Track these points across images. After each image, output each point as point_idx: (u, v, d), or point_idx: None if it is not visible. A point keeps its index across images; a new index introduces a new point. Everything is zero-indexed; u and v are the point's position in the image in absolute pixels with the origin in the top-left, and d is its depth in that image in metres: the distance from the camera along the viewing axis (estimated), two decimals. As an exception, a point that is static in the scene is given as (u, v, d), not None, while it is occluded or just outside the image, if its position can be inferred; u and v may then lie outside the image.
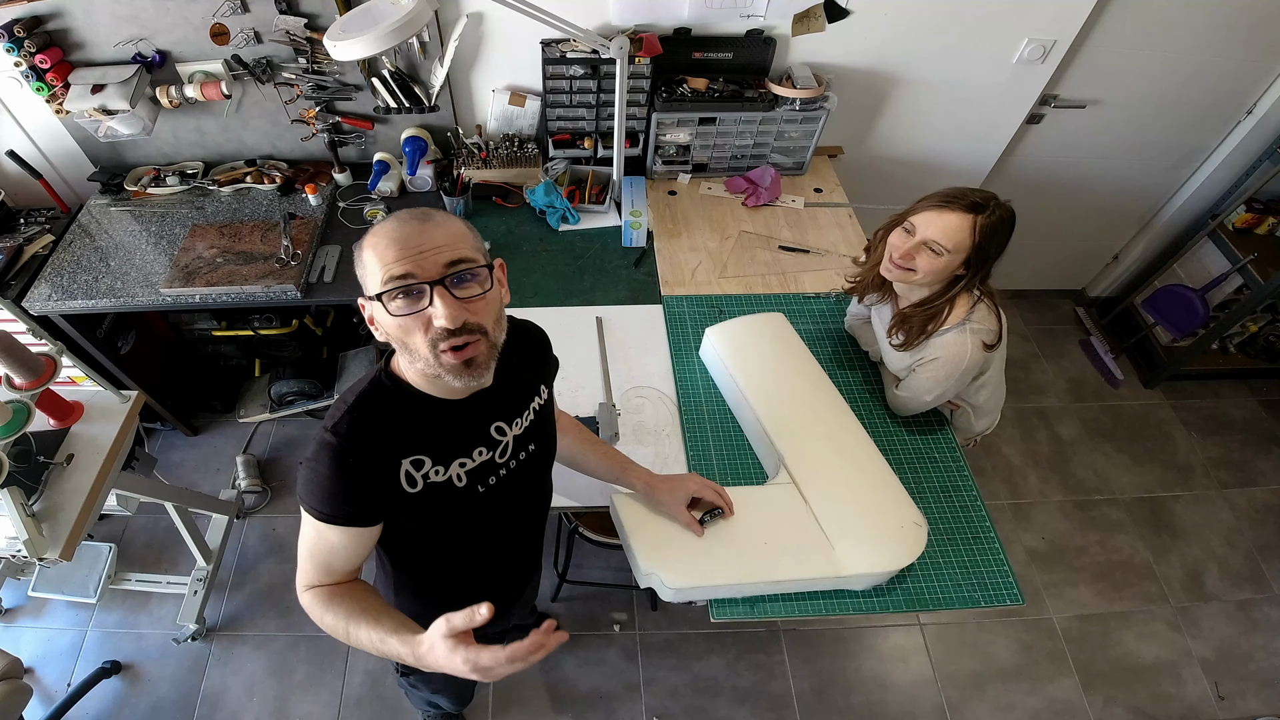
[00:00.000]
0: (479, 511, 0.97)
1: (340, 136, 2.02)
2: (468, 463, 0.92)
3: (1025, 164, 2.49)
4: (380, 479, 0.85)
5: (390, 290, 0.76)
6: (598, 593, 2.19)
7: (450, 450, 0.91)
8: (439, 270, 0.77)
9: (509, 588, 1.28)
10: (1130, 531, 2.47)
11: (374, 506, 0.86)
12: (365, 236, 0.81)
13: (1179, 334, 2.76)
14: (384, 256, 0.77)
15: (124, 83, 1.76)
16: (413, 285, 0.76)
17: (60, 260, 1.85)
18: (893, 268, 1.28)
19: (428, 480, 0.88)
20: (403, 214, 0.81)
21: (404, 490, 0.87)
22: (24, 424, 1.38)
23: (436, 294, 0.76)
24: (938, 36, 1.96)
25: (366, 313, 0.83)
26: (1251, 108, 2.33)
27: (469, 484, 0.93)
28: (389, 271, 0.76)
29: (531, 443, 1.02)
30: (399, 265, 0.76)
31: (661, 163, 2.11)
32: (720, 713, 2.01)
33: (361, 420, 0.85)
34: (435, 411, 0.88)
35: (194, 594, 2.04)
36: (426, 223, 0.79)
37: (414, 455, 0.87)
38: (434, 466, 0.89)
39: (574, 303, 1.76)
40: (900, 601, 1.27)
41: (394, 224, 0.79)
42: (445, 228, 0.79)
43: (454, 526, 0.97)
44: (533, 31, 1.78)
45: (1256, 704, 2.11)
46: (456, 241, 0.79)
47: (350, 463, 0.83)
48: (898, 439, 1.51)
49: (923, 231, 1.23)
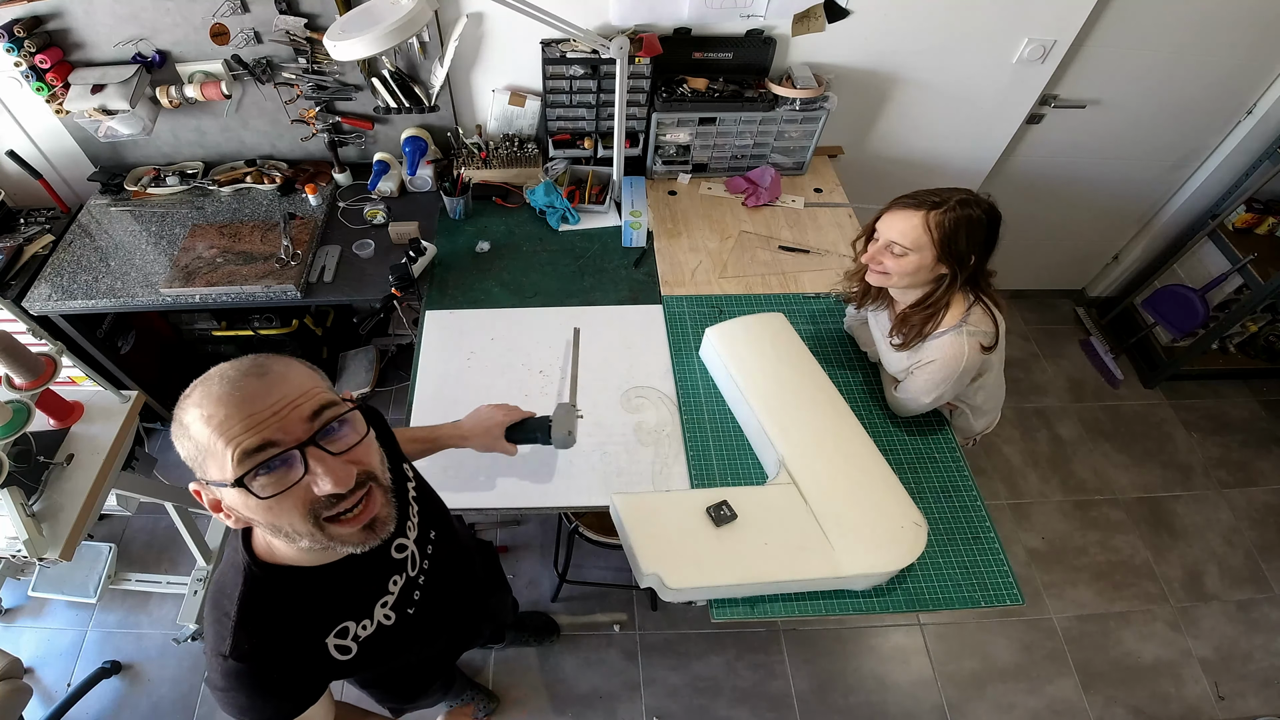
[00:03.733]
0: (417, 631, 0.91)
1: (340, 136, 2.02)
2: (388, 599, 0.84)
3: (1025, 164, 2.49)
4: (310, 669, 0.76)
5: (250, 470, 0.59)
6: (598, 593, 2.19)
7: (368, 600, 0.81)
8: (305, 428, 0.62)
9: (473, 632, 1.31)
10: (1130, 531, 2.47)
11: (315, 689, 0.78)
12: (184, 408, 0.63)
13: (1179, 334, 2.76)
14: (226, 430, 0.59)
15: (124, 83, 1.76)
16: (277, 455, 0.60)
17: (60, 260, 1.85)
18: (871, 271, 1.33)
19: (359, 640, 0.80)
20: (228, 372, 0.63)
21: (338, 661, 0.78)
22: (24, 424, 1.38)
23: (311, 457, 0.61)
24: (938, 36, 1.96)
25: (206, 499, 0.65)
26: (1251, 108, 2.32)
27: (398, 618, 0.86)
28: (240, 447, 0.59)
29: (431, 530, 0.95)
30: (252, 436, 0.59)
31: (661, 163, 2.11)
32: (720, 713, 2.01)
33: (259, 630, 0.71)
34: (334, 579, 0.75)
35: (194, 594, 2.04)
36: (266, 375, 0.62)
37: (335, 627, 0.77)
38: (359, 624, 0.80)
39: (574, 303, 1.76)
40: (900, 601, 1.27)
41: (225, 387, 0.61)
42: (291, 375, 0.64)
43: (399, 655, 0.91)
44: (533, 31, 1.78)
45: (1256, 704, 2.11)
46: (310, 388, 0.64)
47: (275, 678, 0.72)
48: (898, 439, 1.51)
49: (883, 233, 1.27)
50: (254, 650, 0.70)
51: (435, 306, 1.74)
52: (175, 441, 0.64)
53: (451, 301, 1.76)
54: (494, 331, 1.69)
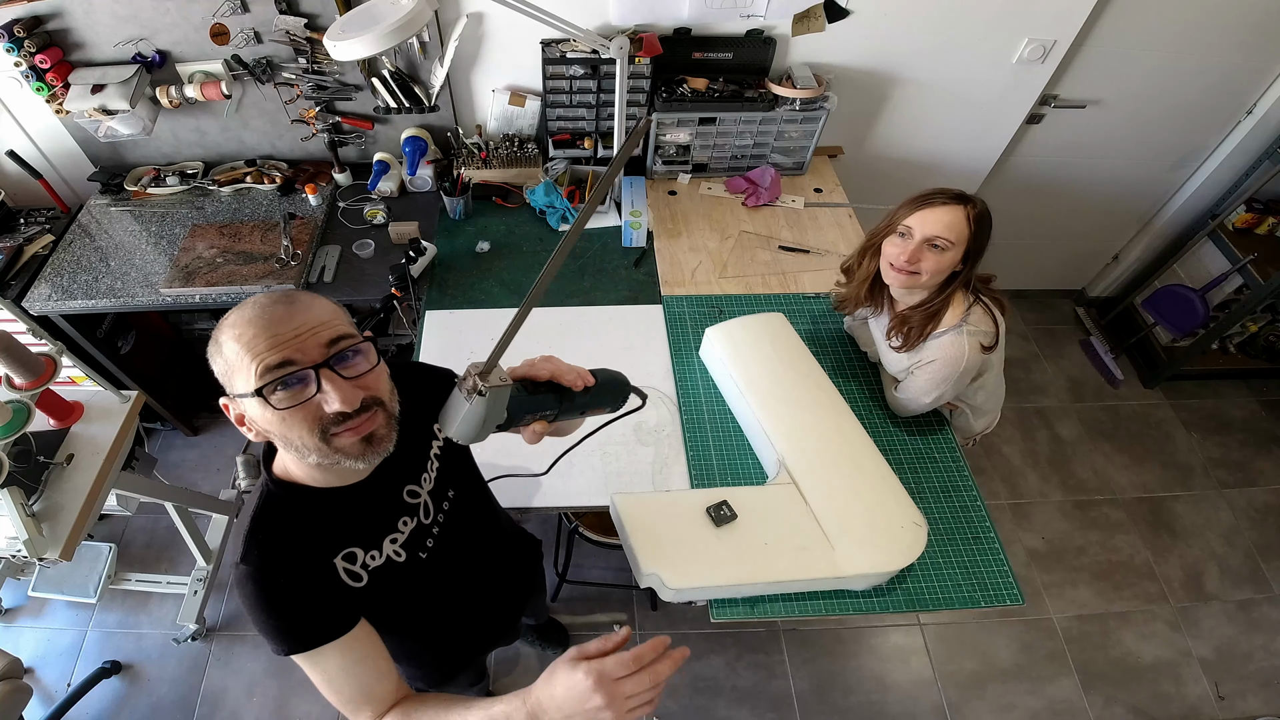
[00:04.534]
0: (431, 577, 0.93)
1: (340, 136, 2.02)
2: (398, 536, 0.87)
3: (1025, 164, 2.49)
4: (322, 586, 0.79)
5: (269, 383, 0.67)
6: (598, 593, 2.19)
7: (376, 532, 0.85)
8: (320, 351, 0.69)
9: (499, 617, 1.29)
10: (1130, 531, 2.47)
11: (337, 611, 0.80)
12: (221, 328, 0.71)
13: (1179, 334, 2.76)
14: (253, 347, 0.67)
15: (124, 83, 1.76)
16: (294, 373, 0.68)
17: (60, 260, 1.85)
18: (898, 274, 1.29)
19: (368, 569, 0.83)
20: (261, 299, 0.71)
21: (351, 588, 0.81)
22: (24, 424, 1.38)
23: (324, 378, 0.69)
24: (938, 36, 1.96)
25: (233, 413, 0.74)
26: (1251, 108, 2.33)
27: (409, 556, 0.88)
28: (263, 362, 0.67)
29: (450, 489, 0.96)
30: (274, 354, 0.67)
31: (661, 163, 2.11)
32: (720, 713, 2.01)
33: (269, 541, 0.77)
34: (342, 503, 0.81)
35: (194, 594, 2.04)
36: (293, 305, 0.71)
37: (343, 550, 0.82)
38: (368, 554, 0.84)
39: (574, 303, 1.76)
40: (900, 601, 1.27)
41: (256, 311, 0.70)
42: (314, 308, 0.72)
43: (414, 600, 0.93)
44: (533, 31, 1.78)
45: (1256, 704, 2.11)
46: (330, 319, 0.72)
47: (282, 583, 0.76)
48: (898, 439, 1.51)
49: (921, 231, 1.24)
50: (262, 556, 0.76)
51: (435, 307, 1.74)
52: (210, 360, 0.73)
53: (451, 301, 1.76)
54: (494, 331, 1.65)
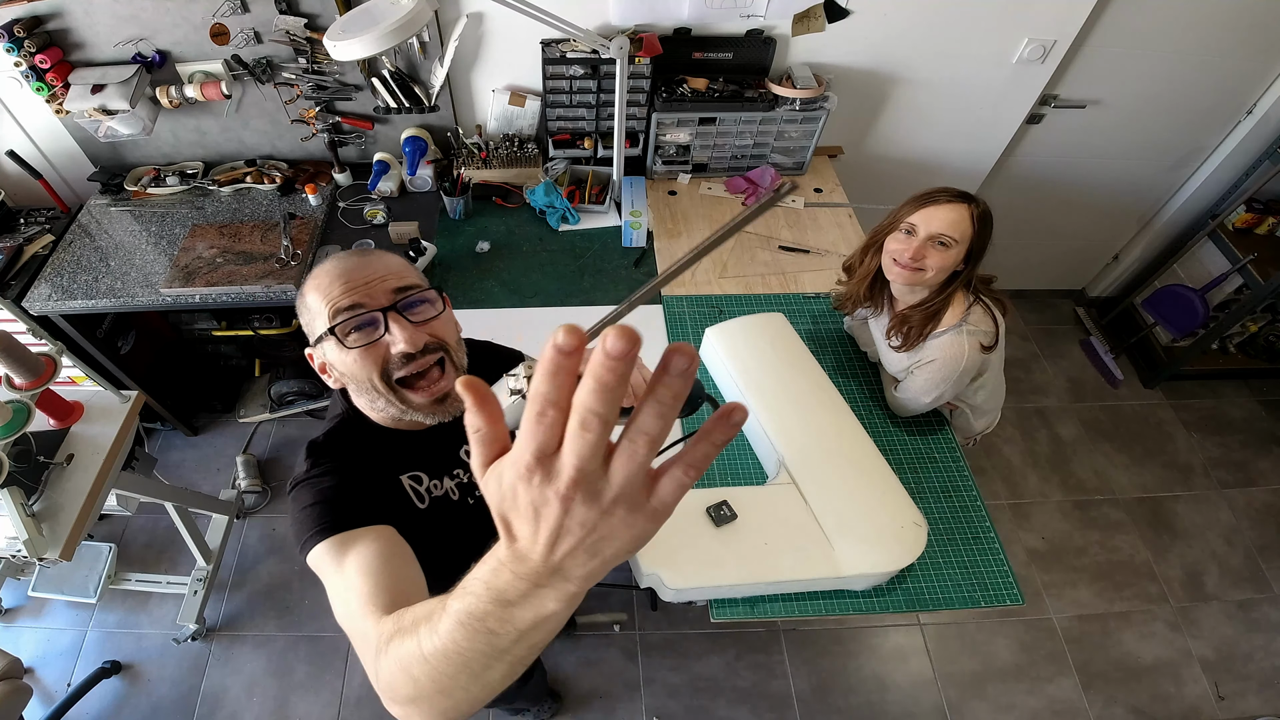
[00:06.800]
0: (479, 524, 0.94)
1: (340, 136, 2.02)
2: (460, 473, 0.91)
3: (1025, 164, 2.49)
4: (387, 492, 0.82)
5: (341, 323, 0.74)
6: (598, 593, 2.19)
7: (439, 466, 0.90)
8: (388, 297, 0.76)
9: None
10: (1130, 531, 2.47)
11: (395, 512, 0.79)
12: (306, 282, 0.80)
13: (1179, 334, 2.76)
14: (329, 293, 0.75)
15: (124, 83, 1.76)
16: (364, 314, 0.74)
17: (60, 260, 1.85)
18: (902, 269, 1.29)
19: (432, 495, 0.87)
20: (340, 254, 0.81)
21: (416, 507, 0.84)
22: (24, 424, 1.38)
23: (391, 320, 0.74)
24: (938, 36, 1.96)
25: (316, 362, 0.81)
26: (1251, 108, 2.32)
27: (462, 497, 0.91)
28: (335, 305, 0.74)
29: None
30: (346, 298, 0.74)
31: (661, 163, 2.11)
32: (720, 713, 2.01)
33: (344, 446, 0.82)
34: (409, 440, 0.87)
35: (194, 594, 2.04)
36: (366, 257, 0.79)
37: (410, 471, 0.86)
38: (432, 481, 0.87)
39: (574, 303, 1.76)
40: (900, 601, 1.27)
41: (333, 263, 0.79)
42: (386, 260, 0.79)
43: (462, 542, 0.93)
44: (533, 31, 1.78)
45: (1256, 704, 2.11)
46: (400, 270, 0.79)
47: (349, 483, 0.78)
48: (898, 439, 1.51)
49: (926, 228, 1.24)
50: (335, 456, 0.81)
51: (435, 306, 1.74)
52: (299, 314, 0.81)
53: (451, 301, 1.75)
54: (494, 332, 1.68)
